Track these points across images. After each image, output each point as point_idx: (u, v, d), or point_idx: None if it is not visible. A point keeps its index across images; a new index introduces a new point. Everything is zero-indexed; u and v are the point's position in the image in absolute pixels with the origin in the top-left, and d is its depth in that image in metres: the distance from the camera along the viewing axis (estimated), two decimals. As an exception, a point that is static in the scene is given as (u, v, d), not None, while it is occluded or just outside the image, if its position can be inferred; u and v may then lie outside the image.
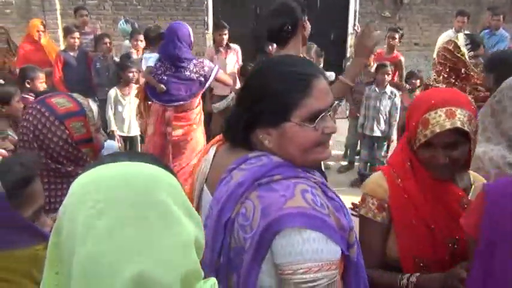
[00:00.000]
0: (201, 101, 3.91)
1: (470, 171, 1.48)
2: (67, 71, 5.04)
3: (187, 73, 3.56)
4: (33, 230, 0.93)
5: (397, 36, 5.37)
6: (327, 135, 1.08)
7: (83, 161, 1.35)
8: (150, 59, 3.93)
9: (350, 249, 1.03)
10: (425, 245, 1.37)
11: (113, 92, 4.49)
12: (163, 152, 3.67)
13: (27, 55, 5.07)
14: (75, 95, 1.40)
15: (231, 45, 5.20)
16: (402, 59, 5.50)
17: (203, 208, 1.20)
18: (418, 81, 5.10)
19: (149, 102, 3.86)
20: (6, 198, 0.88)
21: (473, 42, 2.88)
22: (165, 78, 3.61)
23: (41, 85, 3.68)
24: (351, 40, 5.20)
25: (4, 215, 0.88)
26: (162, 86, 3.61)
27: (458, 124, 1.27)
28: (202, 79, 3.64)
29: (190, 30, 3.65)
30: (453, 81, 2.84)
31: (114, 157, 0.73)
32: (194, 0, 8.55)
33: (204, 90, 3.77)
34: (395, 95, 4.70)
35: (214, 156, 1.23)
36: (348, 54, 7.06)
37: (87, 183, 0.68)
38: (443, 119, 1.28)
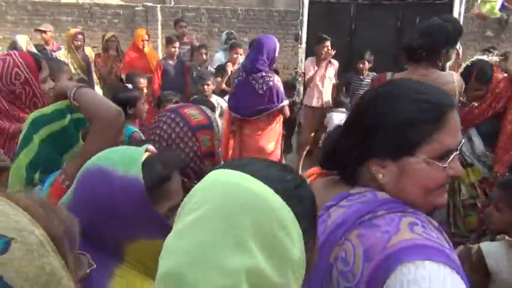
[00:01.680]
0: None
1: None
2: (165, 78, 5.33)
3: (253, 82, 3.61)
4: (164, 226, 0.96)
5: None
6: (449, 178, 0.94)
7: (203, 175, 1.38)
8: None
9: None
10: None
11: None
12: (226, 148, 3.79)
13: (132, 62, 5.45)
14: (204, 107, 1.43)
15: (332, 60, 5.19)
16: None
17: None
18: None
19: None
20: (146, 192, 0.93)
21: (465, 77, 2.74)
22: (236, 81, 3.75)
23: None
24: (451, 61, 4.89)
25: (142, 207, 0.93)
26: (232, 88, 3.80)
27: None
28: (268, 94, 3.62)
29: (278, 45, 3.71)
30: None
31: (246, 164, 0.73)
32: (286, 15, 8.71)
33: (270, 111, 3.72)
34: None
35: None
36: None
37: (205, 181, 0.72)
38: None
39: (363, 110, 0.99)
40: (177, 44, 5.38)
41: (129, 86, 3.02)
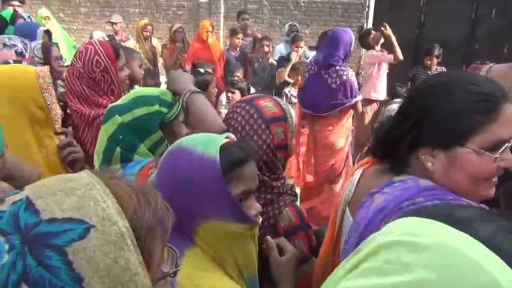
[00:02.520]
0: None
1: None
2: (227, 69, 5.40)
3: (326, 76, 3.49)
4: (237, 209, 0.99)
5: None
6: (500, 170, 0.94)
7: (277, 169, 1.36)
8: (309, 58, 4.06)
9: None
10: None
11: (223, 96, 4.52)
12: (297, 144, 3.70)
13: (196, 53, 5.57)
14: (278, 99, 1.41)
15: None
16: None
17: (344, 231, 1.15)
18: None
19: None
20: (221, 174, 0.97)
21: None
22: (307, 75, 3.64)
23: None
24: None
25: (216, 185, 0.97)
26: (301, 81, 3.67)
27: None
28: (342, 89, 3.48)
29: (353, 39, 3.58)
30: None
31: (471, 218, 0.51)
32: (350, 7, 8.50)
33: (344, 107, 3.55)
34: None
35: (359, 179, 1.15)
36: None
37: (400, 231, 0.51)
38: None
39: (417, 98, 1.01)
40: (240, 36, 5.44)
41: (201, 70, 3.11)
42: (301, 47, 5.18)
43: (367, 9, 5.19)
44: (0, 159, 1.25)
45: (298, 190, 3.20)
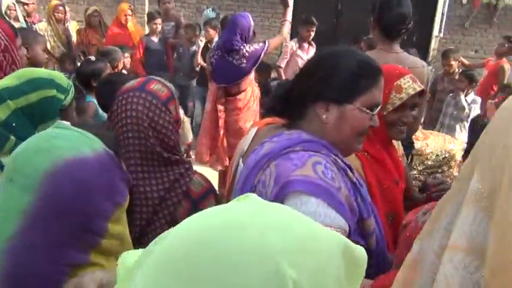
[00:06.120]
0: (248, 90, 3.84)
1: None
2: (147, 54, 5.28)
3: (230, 59, 3.63)
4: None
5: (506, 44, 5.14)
6: (368, 128, 1.16)
7: (179, 147, 1.38)
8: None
9: (367, 239, 1.12)
10: (395, 198, 1.48)
11: None
12: (215, 126, 3.84)
13: (115, 37, 5.34)
14: (161, 78, 1.40)
15: (313, 42, 5.18)
16: (506, 66, 5.15)
17: (238, 178, 1.29)
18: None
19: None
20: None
21: None
22: (213, 60, 3.75)
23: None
24: (434, 44, 4.89)
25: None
26: (209, 67, 3.82)
27: (423, 86, 1.49)
28: (244, 64, 3.65)
29: (252, 24, 3.69)
30: None
31: None
32: (276, -6, 8.57)
33: (248, 74, 3.75)
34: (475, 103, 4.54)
35: (254, 136, 1.31)
36: (430, 58, 6.69)
37: None
38: (411, 83, 1.46)
39: (323, 61, 1.21)
40: (158, 21, 5.31)
41: (92, 58, 3.00)
42: (212, 30, 5.24)
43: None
44: None
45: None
